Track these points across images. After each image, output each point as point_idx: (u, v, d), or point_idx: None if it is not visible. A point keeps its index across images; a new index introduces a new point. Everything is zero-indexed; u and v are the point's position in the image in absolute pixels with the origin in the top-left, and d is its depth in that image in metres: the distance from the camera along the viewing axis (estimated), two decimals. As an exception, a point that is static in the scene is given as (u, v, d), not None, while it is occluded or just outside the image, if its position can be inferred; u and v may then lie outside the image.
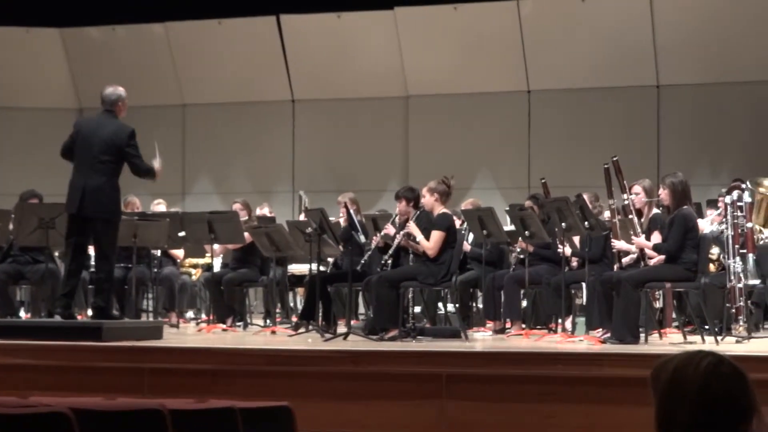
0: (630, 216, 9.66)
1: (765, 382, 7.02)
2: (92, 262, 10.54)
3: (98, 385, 7.85)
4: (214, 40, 16.86)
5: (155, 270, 12.20)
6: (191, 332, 11.51)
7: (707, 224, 10.74)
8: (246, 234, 11.59)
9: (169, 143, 17.11)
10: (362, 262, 10.53)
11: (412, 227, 10.05)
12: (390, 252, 10.27)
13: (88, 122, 9.86)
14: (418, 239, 10.02)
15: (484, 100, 16.02)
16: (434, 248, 9.99)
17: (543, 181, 11.71)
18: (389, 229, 10.39)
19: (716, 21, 14.92)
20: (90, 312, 10.68)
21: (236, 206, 12.35)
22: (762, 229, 11.07)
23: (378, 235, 10.67)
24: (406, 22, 16.07)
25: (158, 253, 12.28)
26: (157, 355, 8.60)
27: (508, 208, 11.96)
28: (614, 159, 9.86)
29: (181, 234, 11.99)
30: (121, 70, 16.97)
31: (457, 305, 11.15)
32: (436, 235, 9.99)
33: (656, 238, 9.53)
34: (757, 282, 9.87)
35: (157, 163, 9.61)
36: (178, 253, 12.74)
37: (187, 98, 17.22)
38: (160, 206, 13.46)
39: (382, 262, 10.34)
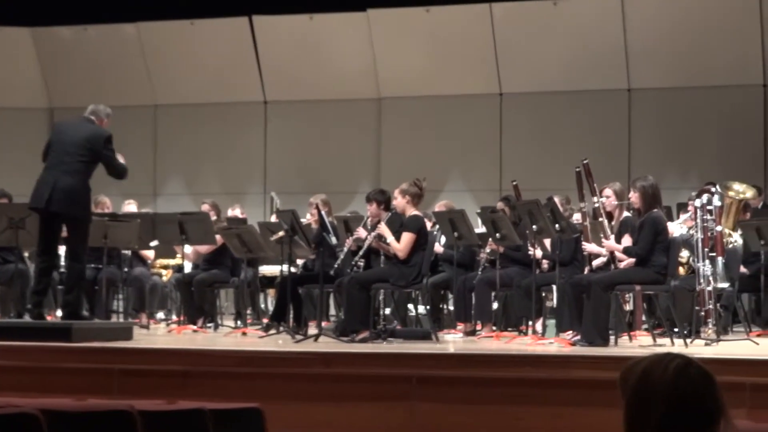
0: (600, 219, 9.69)
1: (733, 384, 7.07)
2: (63, 262, 10.50)
3: (68, 386, 7.82)
4: (186, 41, 16.82)
5: (125, 270, 12.16)
6: (161, 333, 11.48)
7: (677, 227, 10.79)
8: (217, 236, 11.57)
9: (141, 144, 17.09)
10: (336, 266, 10.52)
11: (383, 228, 10.06)
12: (360, 254, 10.27)
13: (65, 124, 9.98)
14: (388, 240, 10.02)
15: (456, 102, 16.04)
16: (404, 250, 10.00)
17: (514, 183, 11.74)
18: (361, 232, 10.40)
19: (687, 25, 15.00)
20: (60, 312, 10.64)
21: (205, 207, 12.33)
22: (731, 232, 11.14)
23: (350, 238, 10.67)
24: (379, 24, 16.08)
25: (129, 253, 12.25)
26: (127, 356, 8.57)
27: (479, 211, 11.99)
28: (585, 162, 9.89)
29: (154, 243, 11.99)
30: (92, 71, 16.94)
31: (427, 307, 11.16)
32: (407, 237, 10.00)
33: (627, 241, 9.57)
34: (726, 285, 9.93)
35: (121, 158, 9.68)
36: (149, 253, 12.71)
37: (159, 99, 17.17)
38: (130, 207, 13.42)
39: (353, 264, 10.34)
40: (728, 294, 10.58)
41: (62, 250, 10.06)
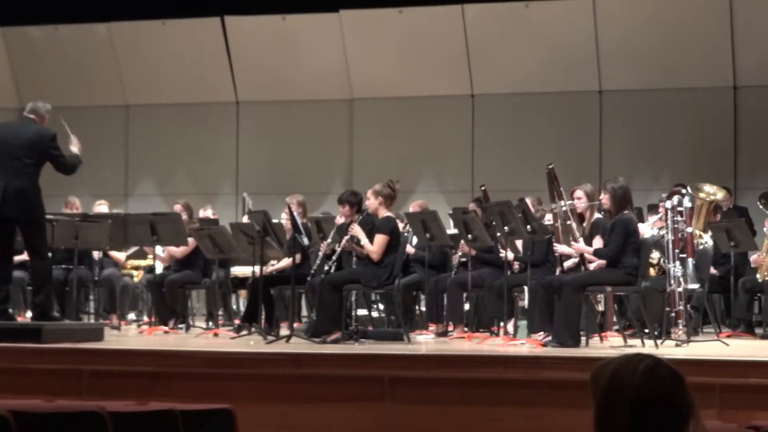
0: (569, 222, 9.71)
1: (703, 385, 7.11)
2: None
3: (38, 387, 7.77)
4: (157, 41, 16.78)
5: (96, 270, 12.12)
6: (132, 334, 11.44)
7: (647, 229, 10.83)
8: (190, 240, 11.54)
9: (112, 144, 17.04)
10: (312, 271, 10.51)
11: (356, 230, 10.06)
12: (333, 258, 10.29)
13: (7, 126, 9.91)
14: (362, 243, 10.03)
15: (428, 103, 16.06)
16: (378, 252, 10.00)
17: (483, 188, 11.73)
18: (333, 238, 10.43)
19: (658, 27, 15.06)
20: (29, 313, 10.59)
21: (177, 208, 12.30)
22: (702, 234, 11.19)
23: (325, 242, 10.66)
24: (351, 25, 16.08)
25: (100, 254, 12.21)
26: (98, 357, 8.54)
27: (451, 212, 12.00)
28: (550, 167, 9.85)
29: (132, 250, 11.96)
30: (63, 70, 16.87)
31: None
32: (380, 239, 10.00)
33: (598, 242, 9.60)
34: (696, 286, 9.97)
35: (75, 144, 9.62)
36: (120, 256, 12.67)
37: (130, 99, 17.11)
38: (101, 207, 13.36)
39: (326, 268, 10.35)
40: (698, 295, 10.63)
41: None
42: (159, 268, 12.29)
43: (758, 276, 11.01)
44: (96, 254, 12.31)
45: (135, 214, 12.67)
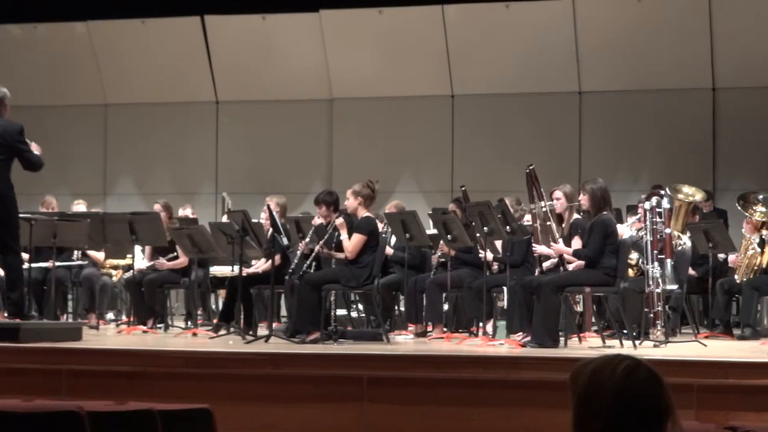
0: (548, 223, 9.73)
1: (681, 386, 7.13)
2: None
3: (16, 387, 7.75)
4: (137, 40, 16.73)
5: (76, 271, 12.09)
6: (111, 334, 11.42)
7: (627, 230, 10.86)
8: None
9: (91, 143, 17.00)
10: (290, 270, 10.50)
11: (341, 221, 10.08)
12: (311, 258, 10.28)
13: None
14: (342, 237, 10.05)
15: (408, 103, 16.06)
16: (353, 251, 10.02)
17: (463, 188, 11.74)
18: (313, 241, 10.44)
19: (637, 29, 15.10)
20: (5, 313, 10.55)
21: (157, 207, 12.26)
22: (680, 235, 11.23)
23: (303, 242, 10.65)
24: (331, 25, 16.07)
25: (79, 254, 12.17)
26: (76, 356, 8.52)
27: (431, 212, 12.00)
28: (531, 167, 9.86)
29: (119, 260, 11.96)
30: (42, 69, 16.81)
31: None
32: (356, 238, 10.01)
33: (577, 242, 9.62)
34: (674, 287, 10.00)
35: (36, 150, 9.49)
36: (99, 255, 12.63)
37: (110, 98, 17.06)
38: (80, 207, 13.33)
39: (304, 268, 10.34)
40: (677, 296, 10.67)
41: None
42: (143, 264, 12.19)
43: (736, 277, 11.06)
44: (75, 254, 12.28)
45: (113, 213, 12.64)
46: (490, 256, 10.47)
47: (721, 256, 11.49)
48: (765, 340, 10.39)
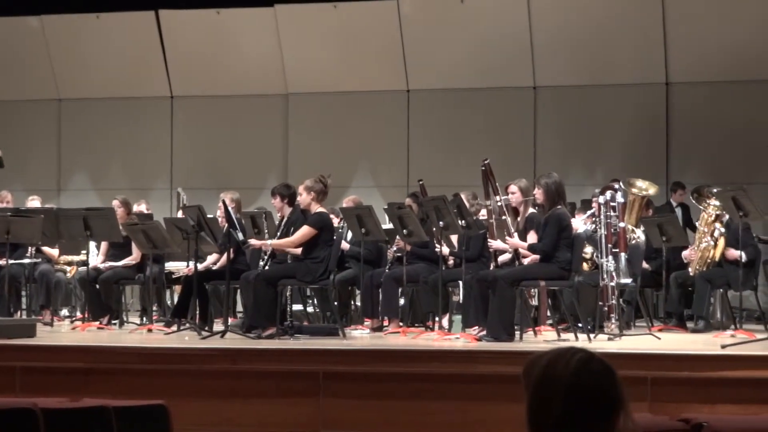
0: (504, 217, 9.77)
1: (635, 378, 7.19)
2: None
3: (-31, 385, 7.71)
4: (91, 35, 16.62)
5: (28, 264, 12.00)
6: (66, 330, 11.36)
7: (581, 224, 10.92)
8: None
9: (45, 138, 16.87)
10: (261, 264, 10.51)
11: (274, 243, 10.18)
12: (267, 256, 10.30)
13: None
14: (281, 242, 10.13)
15: (363, 98, 16.06)
16: (296, 241, 10.01)
17: (420, 182, 11.78)
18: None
19: (592, 24, 15.17)
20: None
21: (115, 203, 12.19)
22: (634, 228, 11.30)
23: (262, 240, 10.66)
24: (286, 19, 16.04)
25: (33, 250, 12.08)
26: (30, 353, 8.47)
27: (386, 207, 12.01)
28: (486, 162, 9.89)
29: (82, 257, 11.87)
30: (-6, 63, 16.67)
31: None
32: (304, 230, 9.99)
33: (532, 237, 9.67)
34: (628, 281, 10.08)
35: None
36: (53, 252, 12.56)
37: (63, 93, 16.95)
38: (34, 202, 13.23)
39: (261, 264, 10.33)
40: (631, 289, 10.74)
41: None
42: (97, 261, 12.10)
43: (690, 270, 11.14)
44: (30, 250, 12.20)
45: (68, 209, 12.56)
46: (446, 250, 10.50)
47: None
48: (718, 332, 10.47)
